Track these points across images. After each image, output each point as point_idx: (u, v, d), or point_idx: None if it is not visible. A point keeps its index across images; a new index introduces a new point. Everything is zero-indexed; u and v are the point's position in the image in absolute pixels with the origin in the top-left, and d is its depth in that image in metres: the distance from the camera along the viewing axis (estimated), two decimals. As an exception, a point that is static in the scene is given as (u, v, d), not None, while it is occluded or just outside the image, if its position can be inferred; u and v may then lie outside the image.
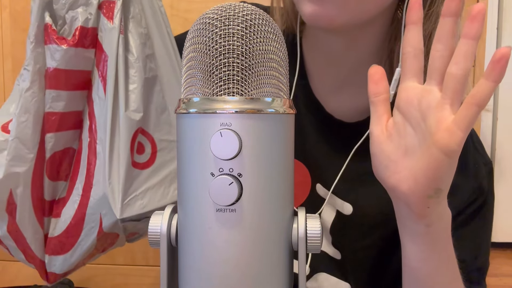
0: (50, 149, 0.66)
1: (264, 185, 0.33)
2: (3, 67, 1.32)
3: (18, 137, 0.63)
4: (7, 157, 0.63)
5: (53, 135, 0.66)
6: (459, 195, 0.64)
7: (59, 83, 0.64)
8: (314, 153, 0.69)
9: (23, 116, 0.63)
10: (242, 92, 0.32)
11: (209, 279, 0.33)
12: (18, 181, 0.64)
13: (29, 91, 0.63)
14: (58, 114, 0.65)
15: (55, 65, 0.63)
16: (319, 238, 0.34)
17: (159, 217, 0.36)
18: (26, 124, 0.63)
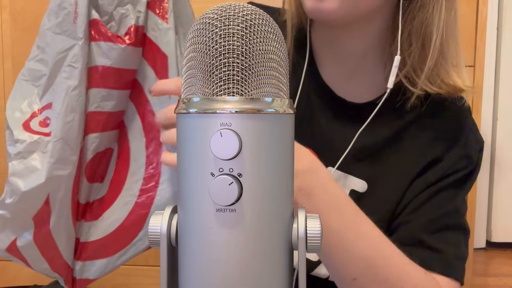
0: (93, 150, 0.63)
1: (264, 185, 0.33)
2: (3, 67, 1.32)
3: (63, 138, 0.60)
4: (50, 159, 0.59)
5: (98, 136, 0.63)
6: (447, 159, 0.70)
7: (111, 82, 0.61)
8: (325, 136, 0.72)
9: (69, 116, 0.60)
10: (242, 92, 0.32)
11: (209, 279, 0.33)
12: (60, 185, 0.60)
13: (76, 89, 0.60)
14: (105, 113, 0.62)
15: (109, 64, 0.60)
16: (319, 238, 0.34)
17: (159, 217, 0.36)
18: (72, 124, 0.60)
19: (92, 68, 0.61)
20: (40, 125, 0.63)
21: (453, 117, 0.73)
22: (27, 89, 0.65)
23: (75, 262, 0.67)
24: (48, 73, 0.63)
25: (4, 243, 0.64)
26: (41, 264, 0.65)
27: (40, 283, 1.39)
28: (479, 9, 1.30)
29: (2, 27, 1.32)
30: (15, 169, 0.61)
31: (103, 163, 0.66)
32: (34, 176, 0.60)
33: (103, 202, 0.66)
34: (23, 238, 0.63)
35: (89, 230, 0.66)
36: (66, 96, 0.60)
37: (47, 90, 0.63)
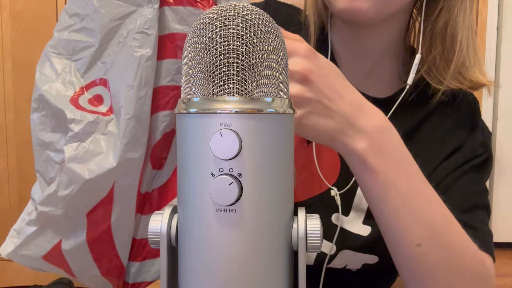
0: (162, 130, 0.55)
1: (264, 185, 0.33)
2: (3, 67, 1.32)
3: (136, 115, 0.51)
4: (122, 140, 0.51)
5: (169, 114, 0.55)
6: (468, 145, 0.73)
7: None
8: None
9: (143, 91, 0.51)
10: (242, 92, 0.32)
11: (209, 279, 0.33)
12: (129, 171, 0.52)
13: (150, 60, 0.51)
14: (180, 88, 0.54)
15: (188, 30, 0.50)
16: (319, 238, 0.34)
17: (159, 217, 0.36)
18: (145, 100, 0.52)
19: (164, 37, 0.53)
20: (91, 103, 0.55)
21: (469, 106, 0.77)
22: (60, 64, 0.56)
23: (130, 264, 0.58)
24: (96, 44, 0.54)
25: (43, 249, 0.55)
26: (89, 270, 0.56)
27: (40, 283, 1.39)
28: (479, 9, 1.30)
29: (2, 27, 1.32)
30: (73, 154, 0.51)
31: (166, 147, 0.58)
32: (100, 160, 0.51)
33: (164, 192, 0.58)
34: (71, 240, 0.54)
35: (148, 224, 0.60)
36: (139, 67, 0.51)
37: (94, 64, 0.55)
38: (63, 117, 0.53)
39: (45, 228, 0.54)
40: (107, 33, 0.54)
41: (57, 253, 0.54)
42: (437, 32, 0.70)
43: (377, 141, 0.52)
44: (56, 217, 0.52)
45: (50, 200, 0.52)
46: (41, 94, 0.54)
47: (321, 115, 0.50)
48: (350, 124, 0.51)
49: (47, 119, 0.55)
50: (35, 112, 0.55)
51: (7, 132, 1.35)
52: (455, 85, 0.71)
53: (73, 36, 0.56)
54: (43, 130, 0.55)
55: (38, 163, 0.56)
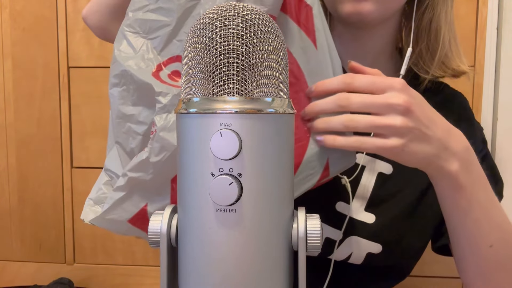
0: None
1: (264, 185, 0.33)
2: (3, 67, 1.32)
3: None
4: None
5: None
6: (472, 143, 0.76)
7: None
8: None
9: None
10: (242, 92, 0.32)
11: (209, 279, 0.33)
12: None
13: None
14: None
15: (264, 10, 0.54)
16: (319, 238, 0.34)
17: (159, 217, 0.36)
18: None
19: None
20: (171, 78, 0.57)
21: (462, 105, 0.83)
22: (137, 42, 0.59)
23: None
24: (173, 23, 0.57)
25: (129, 212, 0.58)
26: None
27: (40, 283, 1.39)
28: (479, 9, 1.30)
29: (2, 27, 1.32)
30: (164, 124, 0.54)
31: None
32: None
33: None
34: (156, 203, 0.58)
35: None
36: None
37: (170, 41, 0.58)
38: (149, 90, 0.55)
39: (132, 193, 0.57)
40: (184, 12, 0.56)
41: (143, 216, 0.58)
42: (422, 28, 0.76)
43: (466, 161, 0.58)
44: (145, 182, 0.56)
45: (141, 166, 0.55)
46: (124, 69, 0.57)
47: (420, 141, 0.55)
48: (444, 148, 0.56)
49: (128, 94, 0.58)
50: (115, 87, 0.59)
51: (7, 132, 1.35)
52: (439, 73, 0.78)
53: (149, 16, 0.58)
54: (124, 104, 0.58)
55: (118, 135, 0.60)
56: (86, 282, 1.43)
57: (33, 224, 1.38)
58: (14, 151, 1.35)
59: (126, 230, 0.60)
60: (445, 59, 0.78)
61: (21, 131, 1.33)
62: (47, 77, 1.29)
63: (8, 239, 1.42)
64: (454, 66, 0.79)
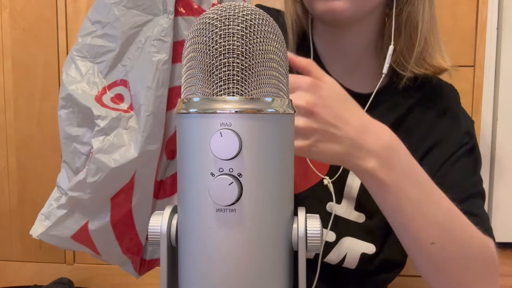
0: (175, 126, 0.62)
1: (264, 185, 0.33)
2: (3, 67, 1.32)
3: (154, 112, 0.59)
4: (143, 134, 0.58)
5: None
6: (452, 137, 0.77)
7: None
8: None
9: (160, 90, 0.58)
10: (242, 92, 0.32)
11: (209, 279, 0.33)
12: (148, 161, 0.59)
13: (166, 64, 0.59)
14: None
15: None
16: (319, 238, 0.34)
17: (159, 217, 0.36)
18: (161, 99, 0.59)
19: (177, 43, 0.60)
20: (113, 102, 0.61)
21: (448, 98, 0.82)
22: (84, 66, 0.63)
23: (147, 243, 0.66)
24: (117, 49, 0.61)
25: (71, 229, 0.62)
26: (112, 248, 0.64)
27: (40, 283, 1.39)
28: (479, 9, 1.30)
29: (2, 27, 1.32)
30: (100, 146, 0.58)
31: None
32: (123, 152, 0.58)
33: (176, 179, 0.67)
34: (97, 221, 0.61)
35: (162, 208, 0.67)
36: (157, 70, 0.58)
37: (115, 66, 0.62)
38: (89, 114, 0.59)
39: (73, 211, 0.61)
40: (127, 39, 0.60)
41: (84, 233, 0.61)
42: (402, 24, 0.76)
43: (385, 158, 0.56)
44: (84, 201, 0.59)
45: (79, 186, 0.59)
46: (69, 93, 0.61)
47: (328, 142, 0.55)
48: (358, 147, 0.55)
49: (74, 115, 0.61)
50: (63, 109, 0.62)
51: (7, 132, 1.35)
52: (420, 71, 0.77)
53: (96, 41, 0.62)
54: (70, 125, 0.61)
55: (65, 154, 0.63)
56: (86, 282, 1.43)
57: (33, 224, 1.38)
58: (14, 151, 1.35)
59: (71, 245, 0.64)
60: (425, 55, 0.77)
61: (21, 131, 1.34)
62: (47, 77, 1.29)
63: (8, 239, 1.42)
64: (434, 63, 0.78)
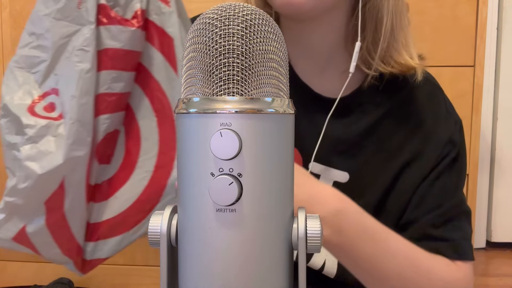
0: (103, 131, 0.65)
1: (264, 185, 0.33)
2: (3, 67, 1.32)
3: (79, 120, 0.61)
4: (67, 141, 0.61)
5: (109, 116, 0.65)
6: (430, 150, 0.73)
7: (121, 64, 0.63)
8: (305, 134, 0.74)
9: (84, 98, 0.61)
10: (242, 92, 0.32)
11: (209, 279, 0.33)
12: (76, 167, 0.62)
13: (89, 72, 0.61)
14: (116, 95, 0.64)
15: (119, 46, 0.62)
16: (319, 238, 0.34)
17: (159, 217, 0.36)
18: (86, 106, 0.61)
19: (101, 52, 0.63)
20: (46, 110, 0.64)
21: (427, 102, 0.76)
22: (22, 76, 0.66)
23: (86, 244, 0.68)
24: (49, 59, 0.64)
25: (12, 231, 0.65)
26: (51, 249, 0.66)
27: (40, 283, 1.39)
28: (479, 9, 1.30)
29: (2, 27, 1.32)
30: (28, 154, 0.61)
31: (111, 145, 0.68)
32: (50, 158, 0.61)
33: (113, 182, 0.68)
34: (33, 224, 0.64)
35: (99, 210, 0.68)
36: (80, 79, 0.61)
37: (48, 76, 0.65)
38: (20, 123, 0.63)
39: (12, 215, 0.64)
40: (57, 49, 0.63)
41: (23, 235, 0.65)
42: (367, 19, 0.71)
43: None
44: (19, 206, 0.63)
45: (13, 192, 0.62)
46: (5, 103, 0.65)
47: None
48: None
49: (11, 124, 0.65)
50: (2, 118, 0.65)
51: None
52: (386, 69, 0.72)
53: (32, 52, 0.65)
54: (9, 133, 0.65)
55: (7, 161, 0.66)
56: (86, 282, 1.43)
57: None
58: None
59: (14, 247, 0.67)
60: (392, 52, 0.72)
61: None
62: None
63: (8, 239, 1.41)
64: (401, 60, 0.73)
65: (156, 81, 0.66)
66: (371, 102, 0.75)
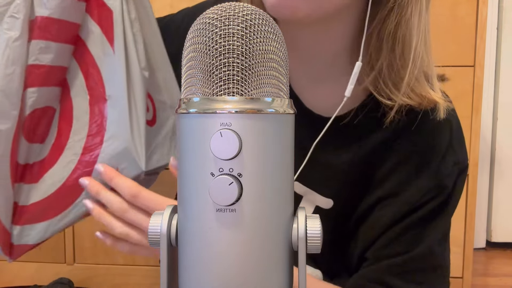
0: (30, 106, 0.61)
1: (264, 185, 0.33)
2: (3, 67, 1.32)
3: (3, 90, 0.58)
4: None
5: (36, 90, 0.61)
6: (411, 193, 0.65)
7: (49, 33, 0.60)
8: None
9: (10, 68, 0.58)
10: (242, 92, 0.32)
11: (209, 279, 0.33)
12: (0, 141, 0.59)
13: (18, 40, 0.58)
14: (45, 67, 0.60)
15: (47, 14, 0.58)
16: (319, 238, 0.34)
17: (159, 217, 0.36)
18: (12, 77, 0.58)
19: (32, 21, 0.59)
20: None
21: (428, 136, 0.66)
22: None
23: (13, 227, 0.64)
24: None
25: None
26: None
27: (40, 283, 1.39)
28: (479, 9, 1.30)
29: (2, 27, 1.32)
30: None
31: (43, 123, 0.64)
32: None
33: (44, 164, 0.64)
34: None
35: (29, 193, 0.64)
36: (7, 47, 0.58)
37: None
38: None
39: None
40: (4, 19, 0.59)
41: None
42: (385, 36, 0.60)
43: None
44: None
45: None
46: None
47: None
48: None
49: None
50: None
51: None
52: (403, 100, 0.61)
53: None
54: None
55: None
56: (86, 282, 1.43)
57: (33, 224, 1.38)
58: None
59: None
60: (414, 82, 0.60)
61: (21, 131, 1.34)
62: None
63: (8, 239, 1.41)
64: (423, 92, 0.61)
65: (92, 56, 0.62)
66: (367, 127, 0.66)
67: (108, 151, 0.61)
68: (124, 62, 0.59)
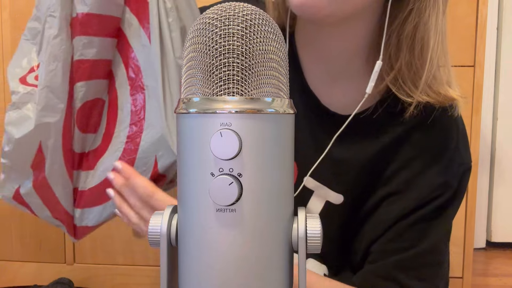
0: (80, 99, 0.65)
1: (264, 185, 0.33)
2: (3, 67, 1.32)
3: (47, 86, 0.61)
4: (37, 107, 0.61)
5: (84, 84, 0.64)
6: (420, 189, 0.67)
7: (91, 29, 0.62)
8: (305, 147, 0.71)
9: (52, 65, 0.61)
10: (242, 92, 0.32)
11: (209, 279, 0.33)
12: (50, 132, 0.63)
13: (57, 38, 0.61)
14: (89, 61, 0.64)
15: (87, 10, 0.61)
16: (319, 238, 0.34)
17: (159, 217, 0.36)
18: (55, 72, 0.61)
19: (74, 18, 0.62)
20: (36, 78, 0.65)
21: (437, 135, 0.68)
22: (27, 47, 0.67)
23: (75, 210, 0.70)
24: (42, 29, 0.64)
25: (10, 191, 0.68)
26: (43, 211, 0.69)
27: (40, 283, 1.39)
28: (479, 9, 1.30)
29: (2, 27, 1.32)
30: (10, 119, 0.64)
31: (95, 114, 0.68)
32: (26, 124, 0.62)
33: (97, 152, 0.69)
34: (24, 186, 0.67)
35: (86, 179, 0.69)
36: (48, 45, 0.61)
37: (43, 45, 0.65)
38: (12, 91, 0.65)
39: (9, 176, 0.67)
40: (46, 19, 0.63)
41: (19, 196, 0.68)
42: (404, 37, 0.62)
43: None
44: (11, 168, 0.66)
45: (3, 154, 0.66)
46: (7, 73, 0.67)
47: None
48: None
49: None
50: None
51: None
52: (422, 98, 0.63)
53: (33, 24, 0.66)
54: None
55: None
56: (86, 282, 1.43)
57: (33, 224, 1.38)
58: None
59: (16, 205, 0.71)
60: (431, 79, 0.63)
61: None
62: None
63: (8, 239, 1.42)
64: (441, 90, 0.64)
65: (131, 47, 0.65)
66: (384, 125, 0.68)
67: (147, 139, 0.64)
68: (159, 52, 0.62)
